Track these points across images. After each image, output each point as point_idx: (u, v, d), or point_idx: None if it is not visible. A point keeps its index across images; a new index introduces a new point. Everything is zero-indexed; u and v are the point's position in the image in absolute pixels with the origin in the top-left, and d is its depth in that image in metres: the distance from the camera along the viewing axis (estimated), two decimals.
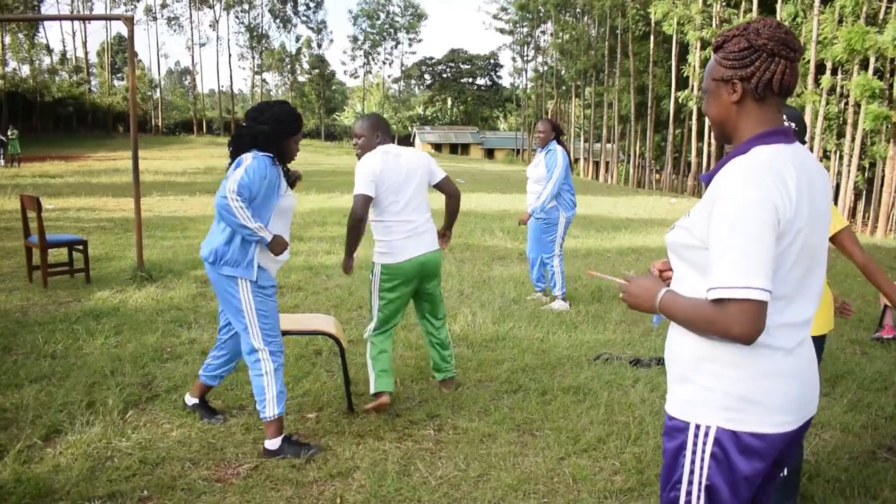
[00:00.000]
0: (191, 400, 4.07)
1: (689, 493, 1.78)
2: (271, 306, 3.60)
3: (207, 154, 37.45)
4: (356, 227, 4.07)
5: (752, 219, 1.59)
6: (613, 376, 4.84)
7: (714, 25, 30.70)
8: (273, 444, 3.57)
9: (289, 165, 3.78)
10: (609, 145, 49.80)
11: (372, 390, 4.13)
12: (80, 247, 7.40)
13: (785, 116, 2.88)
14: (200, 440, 3.71)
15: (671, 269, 1.93)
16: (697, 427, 1.75)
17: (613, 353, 5.34)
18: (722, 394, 1.71)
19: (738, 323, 1.58)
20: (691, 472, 1.77)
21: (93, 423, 3.82)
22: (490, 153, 71.54)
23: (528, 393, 4.50)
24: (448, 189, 4.46)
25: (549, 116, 61.58)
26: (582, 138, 56.25)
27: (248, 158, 3.48)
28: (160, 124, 64.56)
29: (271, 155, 3.55)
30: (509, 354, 5.27)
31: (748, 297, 1.57)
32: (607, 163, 50.07)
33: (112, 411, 3.97)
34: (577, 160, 55.90)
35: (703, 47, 32.69)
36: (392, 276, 4.18)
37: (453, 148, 71.03)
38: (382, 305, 4.23)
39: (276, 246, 3.51)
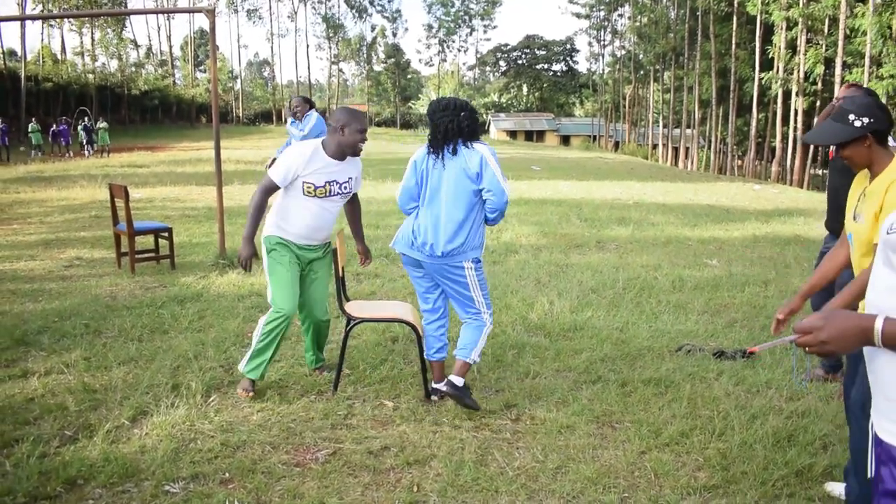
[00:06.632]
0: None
1: None
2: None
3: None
4: None
5: None
6: (696, 368, 4.69)
7: (801, 5, 29.47)
8: (460, 380, 3.89)
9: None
10: (689, 130, 48.52)
11: None
12: (166, 234, 7.63)
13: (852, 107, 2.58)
14: (280, 424, 3.76)
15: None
16: None
17: (696, 345, 5.16)
18: None
19: None
20: None
21: (177, 405, 3.92)
22: (566, 140, 70.76)
23: (608, 384, 4.40)
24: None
25: (627, 102, 60.56)
26: (661, 123, 54.97)
27: None
28: (240, 115, 66.34)
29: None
30: (588, 344, 5.16)
31: None
32: (687, 148, 48.80)
33: (195, 394, 4.07)
34: (655, 146, 54.74)
35: (788, 28, 31.45)
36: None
37: (528, 135, 70.56)
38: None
39: None
